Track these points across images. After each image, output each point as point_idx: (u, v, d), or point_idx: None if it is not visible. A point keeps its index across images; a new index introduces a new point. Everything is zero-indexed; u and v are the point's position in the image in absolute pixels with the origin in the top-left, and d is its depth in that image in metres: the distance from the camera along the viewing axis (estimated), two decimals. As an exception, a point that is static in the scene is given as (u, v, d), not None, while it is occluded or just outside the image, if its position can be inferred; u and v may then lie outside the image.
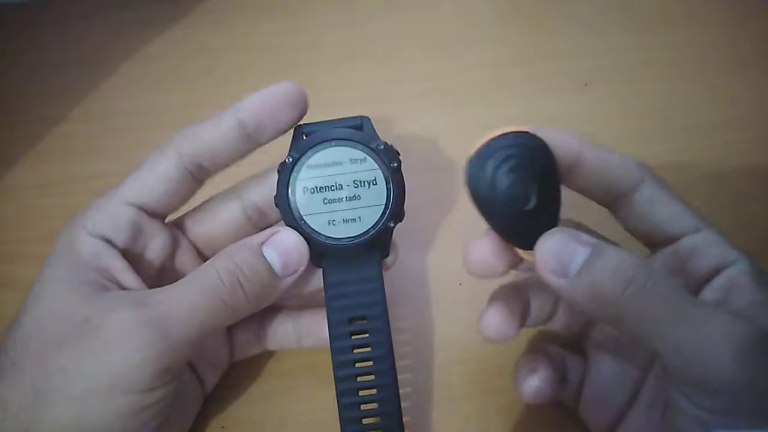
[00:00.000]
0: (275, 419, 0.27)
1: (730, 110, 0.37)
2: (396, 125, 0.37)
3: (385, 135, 0.25)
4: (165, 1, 0.45)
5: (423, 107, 0.38)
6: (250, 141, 0.24)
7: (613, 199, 0.24)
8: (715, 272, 0.22)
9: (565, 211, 0.22)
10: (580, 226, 0.26)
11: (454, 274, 0.31)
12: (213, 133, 0.24)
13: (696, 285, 0.23)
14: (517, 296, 0.25)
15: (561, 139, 0.22)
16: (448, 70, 0.40)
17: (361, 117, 0.25)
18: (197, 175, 0.24)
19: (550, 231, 0.21)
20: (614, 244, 0.23)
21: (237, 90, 0.39)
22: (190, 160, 0.24)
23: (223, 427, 0.27)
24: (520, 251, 0.22)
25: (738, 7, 0.42)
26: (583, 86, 0.39)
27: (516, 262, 0.23)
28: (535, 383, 0.24)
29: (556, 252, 0.21)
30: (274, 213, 0.26)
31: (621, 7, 0.43)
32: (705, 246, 0.23)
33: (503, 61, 0.41)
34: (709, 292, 0.22)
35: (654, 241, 0.24)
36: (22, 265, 0.33)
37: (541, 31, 0.42)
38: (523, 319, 0.25)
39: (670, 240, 0.23)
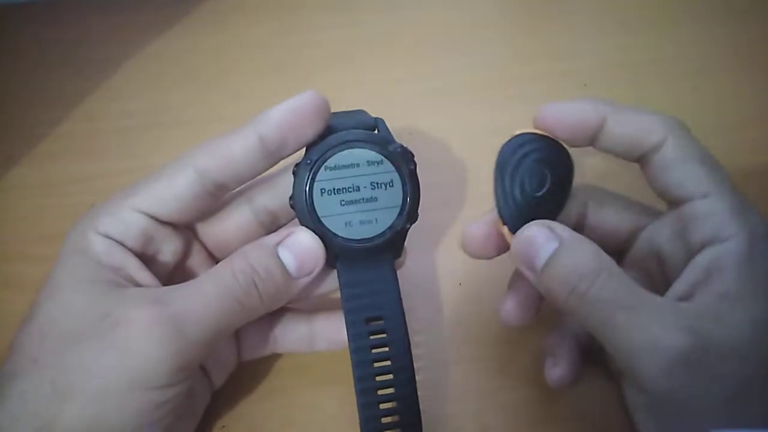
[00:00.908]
0: (276, 418, 0.27)
1: (730, 110, 0.37)
2: (397, 125, 0.37)
3: (386, 135, 0.25)
4: (166, 2, 0.45)
5: (424, 107, 0.39)
6: (272, 157, 0.24)
7: (638, 158, 0.24)
8: (703, 247, 0.22)
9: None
10: (596, 190, 0.26)
11: (454, 275, 0.31)
12: (234, 150, 0.23)
13: (690, 256, 0.23)
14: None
15: (582, 111, 0.24)
16: (447, 70, 0.41)
17: (376, 118, 0.25)
18: (215, 192, 0.24)
19: (529, 223, 0.23)
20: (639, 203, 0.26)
21: (238, 90, 0.40)
22: (209, 178, 0.23)
23: (224, 426, 0.27)
24: (507, 236, 0.24)
25: (739, 7, 0.43)
26: (582, 86, 0.39)
27: (505, 247, 0.25)
28: (558, 375, 0.26)
29: (525, 247, 0.23)
30: (285, 215, 0.26)
31: (621, 6, 0.43)
32: (703, 216, 0.22)
33: (504, 60, 0.41)
34: (690, 272, 0.22)
35: (669, 201, 0.24)
36: (23, 264, 0.33)
37: (541, 31, 0.43)
38: (540, 301, 0.26)
39: (680, 203, 0.23)
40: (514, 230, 0.24)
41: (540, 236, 0.23)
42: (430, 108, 0.39)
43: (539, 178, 0.24)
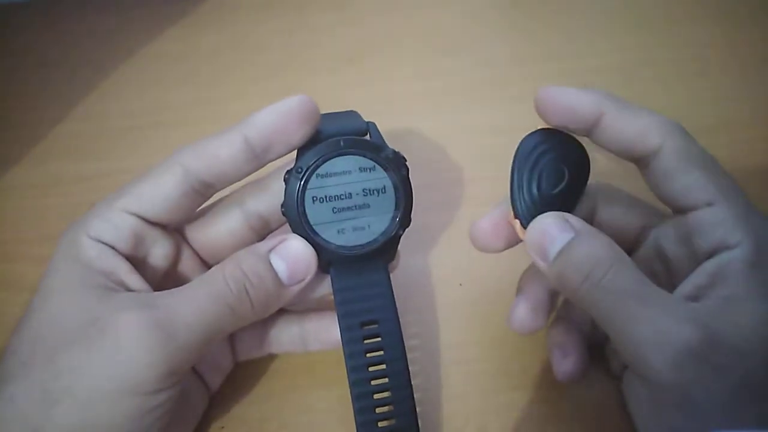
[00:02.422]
0: (275, 419, 0.27)
1: (730, 110, 0.37)
2: (395, 125, 0.37)
3: (384, 135, 0.25)
4: (166, 2, 0.45)
5: (423, 107, 0.38)
6: (258, 160, 0.23)
7: (633, 159, 0.24)
8: (711, 254, 0.22)
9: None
10: (606, 188, 0.26)
11: (454, 275, 0.31)
12: (220, 152, 0.23)
13: (696, 263, 0.23)
14: (542, 283, 0.26)
15: (579, 101, 0.24)
16: (447, 70, 0.40)
17: (367, 122, 0.25)
18: (202, 191, 0.24)
19: (543, 215, 0.23)
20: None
21: (238, 90, 0.40)
22: (195, 177, 0.23)
23: (222, 428, 0.27)
24: (519, 231, 0.24)
25: (738, 8, 0.42)
26: (582, 86, 0.39)
27: (514, 241, 0.25)
28: (569, 368, 0.26)
29: (540, 236, 0.23)
30: (276, 220, 0.26)
31: (621, 7, 0.43)
32: (709, 225, 0.22)
33: (503, 60, 0.41)
34: (697, 277, 0.22)
35: (672, 208, 0.24)
36: (22, 264, 0.33)
37: (541, 32, 0.42)
38: (551, 306, 0.26)
39: (684, 211, 0.23)
40: (527, 225, 0.24)
41: (555, 227, 0.23)
42: (430, 108, 0.39)
43: (557, 175, 0.24)
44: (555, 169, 0.24)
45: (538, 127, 0.25)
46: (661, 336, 0.21)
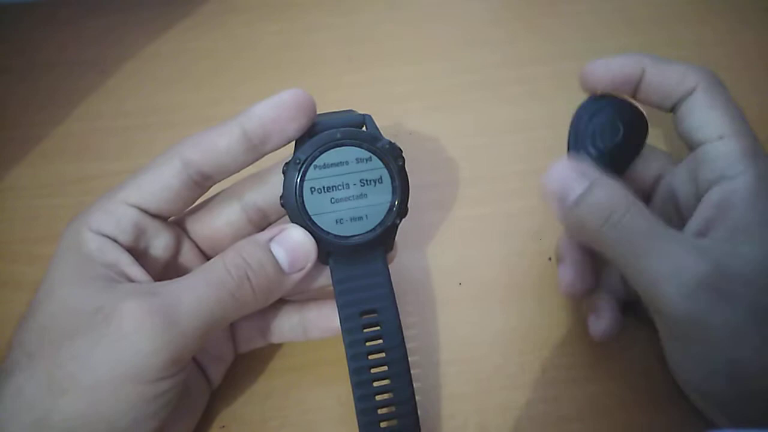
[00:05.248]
0: (276, 418, 0.27)
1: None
2: (395, 125, 0.37)
3: (384, 135, 0.25)
4: (167, 3, 0.45)
5: (422, 108, 0.38)
6: (256, 151, 0.24)
7: (671, 106, 0.26)
8: (711, 185, 0.24)
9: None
10: None
11: (454, 274, 0.31)
12: (218, 143, 0.24)
13: (700, 195, 0.24)
14: (579, 245, 0.27)
15: (623, 65, 0.26)
16: (446, 70, 0.40)
17: (363, 115, 0.25)
18: (201, 182, 0.24)
19: (560, 161, 0.25)
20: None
21: (238, 90, 0.40)
22: (194, 168, 0.24)
23: (223, 426, 0.27)
24: None
25: (737, 8, 0.42)
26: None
27: None
28: (601, 327, 0.27)
29: (560, 182, 0.25)
30: (275, 212, 0.26)
31: (616, 8, 0.43)
32: (714, 156, 0.24)
33: (500, 63, 0.41)
34: (704, 210, 0.24)
35: (689, 146, 0.26)
36: (24, 264, 0.33)
37: (538, 34, 0.42)
38: (594, 266, 0.27)
39: (698, 145, 0.25)
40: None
41: (574, 173, 0.24)
42: (428, 108, 0.38)
43: (612, 131, 0.26)
44: (610, 127, 0.26)
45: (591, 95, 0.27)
46: (674, 269, 0.22)
